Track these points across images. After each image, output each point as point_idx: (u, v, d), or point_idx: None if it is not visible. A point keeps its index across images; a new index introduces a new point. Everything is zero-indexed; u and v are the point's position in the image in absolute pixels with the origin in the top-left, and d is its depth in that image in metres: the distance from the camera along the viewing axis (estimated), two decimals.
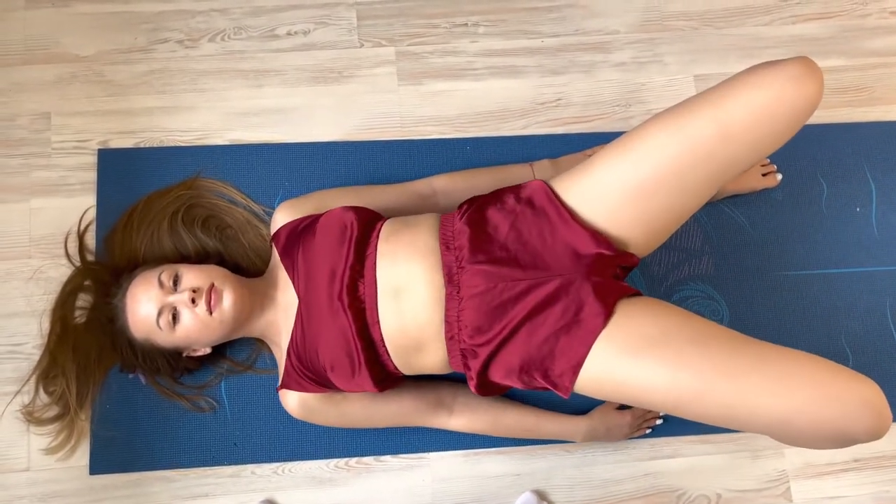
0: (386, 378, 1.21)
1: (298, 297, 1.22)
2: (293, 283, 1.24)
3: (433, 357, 1.18)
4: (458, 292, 1.13)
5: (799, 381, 0.97)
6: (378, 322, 1.15)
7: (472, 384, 1.19)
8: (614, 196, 1.11)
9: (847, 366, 1.46)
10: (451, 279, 1.13)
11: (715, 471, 1.43)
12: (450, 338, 1.15)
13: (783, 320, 1.49)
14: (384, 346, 1.17)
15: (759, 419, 0.99)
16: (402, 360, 1.19)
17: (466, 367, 1.17)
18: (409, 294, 1.14)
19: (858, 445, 1.42)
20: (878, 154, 1.57)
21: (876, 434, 0.95)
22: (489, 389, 1.21)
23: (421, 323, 1.14)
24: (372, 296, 1.15)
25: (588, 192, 1.13)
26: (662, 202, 1.10)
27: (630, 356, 1.05)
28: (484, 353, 1.13)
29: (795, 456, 1.45)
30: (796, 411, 0.97)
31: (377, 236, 1.19)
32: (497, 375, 1.16)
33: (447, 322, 1.14)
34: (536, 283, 1.11)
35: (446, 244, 1.16)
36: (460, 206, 1.22)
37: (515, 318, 1.11)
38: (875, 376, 1.44)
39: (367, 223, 1.21)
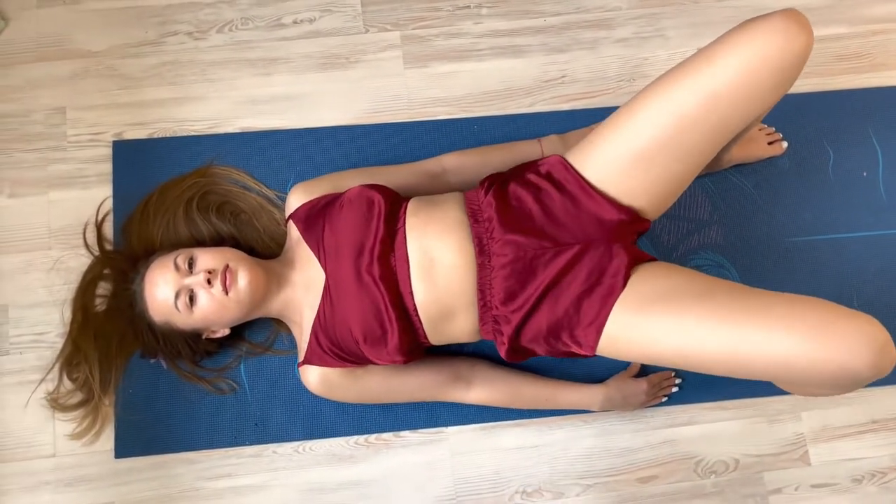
0: (415, 348, 1.25)
1: (325, 272, 1.24)
2: (319, 259, 1.26)
3: (464, 325, 1.23)
4: (489, 261, 1.18)
5: (798, 323, 0.99)
6: (411, 293, 1.19)
7: (503, 349, 1.23)
8: (618, 167, 1.15)
9: None
10: (483, 250, 1.18)
11: (732, 436, 1.44)
12: (482, 305, 1.20)
13: (794, 286, 1.50)
14: (417, 315, 1.21)
15: (760, 363, 1.01)
16: (434, 328, 1.23)
17: (499, 332, 1.21)
18: (443, 265, 1.19)
19: (876, 407, 1.45)
20: (883, 119, 1.58)
21: (880, 368, 0.95)
22: (518, 355, 1.25)
23: (455, 292, 1.19)
24: (404, 267, 1.19)
25: (596, 164, 1.18)
26: (662, 169, 1.14)
27: (641, 314, 1.10)
28: (516, 318, 1.18)
29: (813, 419, 1.45)
30: (796, 352, 0.98)
31: (405, 212, 1.24)
32: (526, 341, 1.21)
33: (479, 290, 1.19)
34: (562, 249, 1.16)
35: (475, 217, 1.21)
36: (482, 183, 1.26)
37: (543, 283, 1.16)
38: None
39: (394, 201, 1.26)
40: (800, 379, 1.03)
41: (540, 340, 1.20)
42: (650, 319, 1.09)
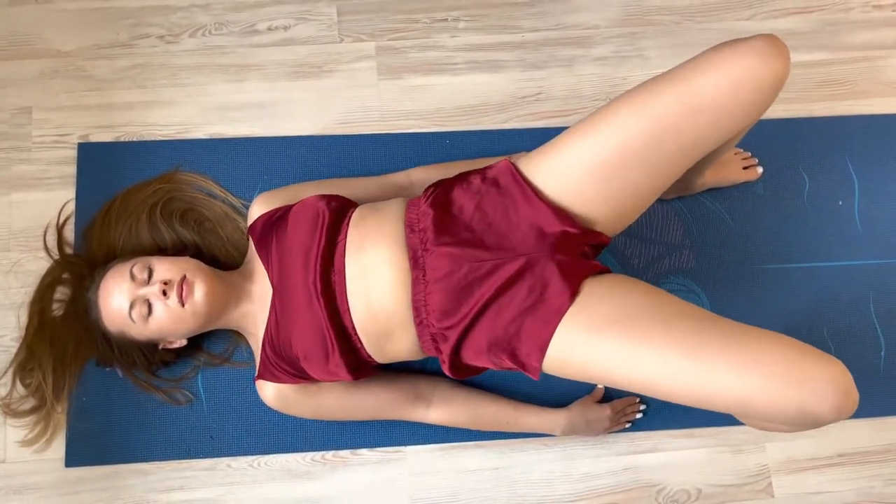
0: (360, 366, 1.21)
1: (272, 286, 1.22)
2: (267, 272, 1.23)
3: (404, 343, 1.18)
4: (423, 276, 1.12)
5: (762, 361, 0.96)
6: (349, 310, 1.15)
7: (444, 367, 1.18)
8: (579, 174, 1.10)
9: None
10: (416, 262, 1.13)
11: (695, 465, 1.42)
12: (419, 322, 1.14)
13: (765, 314, 1.48)
14: (356, 333, 1.16)
15: (721, 398, 0.98)
16: (375, 347, 1.18)
17: (438, 350, 1.16)
18: (376, 280, 1.14)
19: (842, 441, 1.43)
20: (861, 147, 1.56)
21: (841, 411, 0.93)
22: (462, 371, 1.20)
23: (389, 309, 1.14)
24: (342, 283, 1.15)
25: (553, 171, 1.12)
26: (627, 180, 1.09)
27: (594, 335, 1.04)
28: (453, 335, 1.12)
29: (777, 451, 1.43)
30: (758, 390, 0.95)
31: (348, 223, 1.19)
32: (468, 357, 1.15)
33: (414, 307, 1.13)
34: (501, 262, 1.10)
35: (411, 227, 1.15)
36: (426, 189, 1.20)
37: (482, 300, 1.09)
38: (858, 371, 1.44)
39: (339, 210, 1.21)
40: (759, 415, 1.00)
41: (483, 358, 1.14)
42: (604, 342, 1.03)
